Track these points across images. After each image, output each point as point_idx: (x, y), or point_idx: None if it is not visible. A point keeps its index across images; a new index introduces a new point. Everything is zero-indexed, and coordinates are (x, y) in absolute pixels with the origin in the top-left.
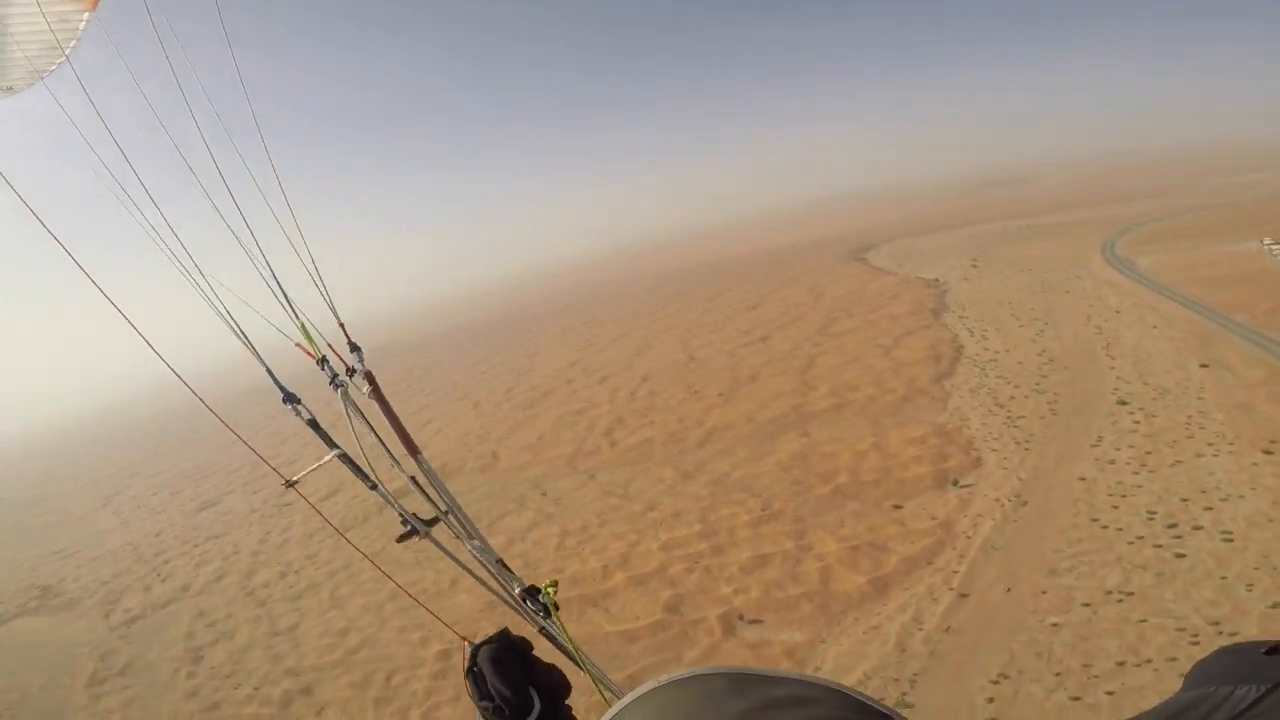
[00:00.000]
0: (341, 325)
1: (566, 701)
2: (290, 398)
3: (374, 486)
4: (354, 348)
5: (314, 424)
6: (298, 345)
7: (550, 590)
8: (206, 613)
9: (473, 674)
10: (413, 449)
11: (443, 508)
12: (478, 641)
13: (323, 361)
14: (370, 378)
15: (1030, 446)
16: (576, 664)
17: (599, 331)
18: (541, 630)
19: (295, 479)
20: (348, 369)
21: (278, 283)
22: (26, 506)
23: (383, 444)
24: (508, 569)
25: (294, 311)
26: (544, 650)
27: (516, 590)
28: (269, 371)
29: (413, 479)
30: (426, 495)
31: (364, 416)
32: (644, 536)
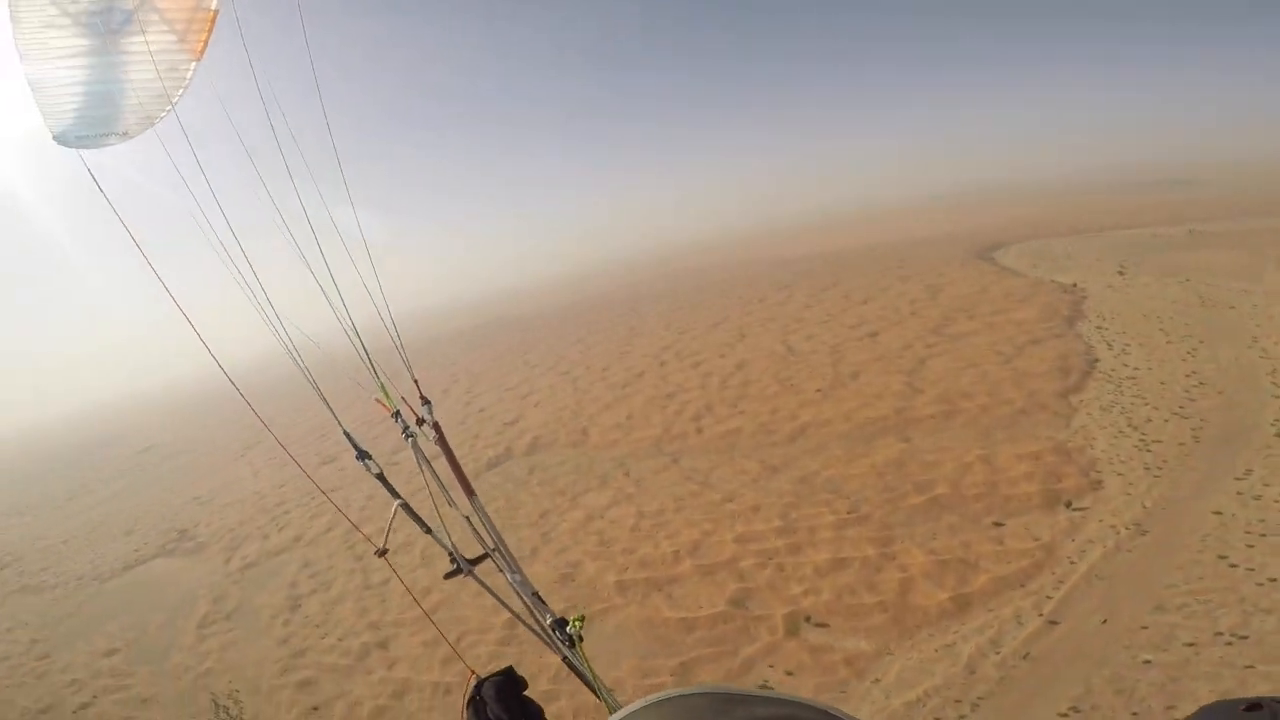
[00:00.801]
0: (415, 381)
1: None
2: (362, 454)
3: (428, 531)
4: (425, 400)
5: (382, 478)
6: (377, 400)
7: (577, 624)
8: (311, 563)
9: (474, 703)
10: (469, 491)
11: (490, 544)
12: (483, 675)
13: (396, 414)
14: (437, 427)
15: (1162, 474)
16: (595, 694)
17: (697, 317)
18: (565, 660)
19: (385, 547)
20: (418, 420)
21: (367, 354)
22: (178, 454)
23: (443, 488)
24: (542, 601)
25: (376, 372)
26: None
27: (548, 621)
28: (347, 434)
29: (467, 518)
30: (477, 532)
31: (429, 463)
32: (719, 526)
